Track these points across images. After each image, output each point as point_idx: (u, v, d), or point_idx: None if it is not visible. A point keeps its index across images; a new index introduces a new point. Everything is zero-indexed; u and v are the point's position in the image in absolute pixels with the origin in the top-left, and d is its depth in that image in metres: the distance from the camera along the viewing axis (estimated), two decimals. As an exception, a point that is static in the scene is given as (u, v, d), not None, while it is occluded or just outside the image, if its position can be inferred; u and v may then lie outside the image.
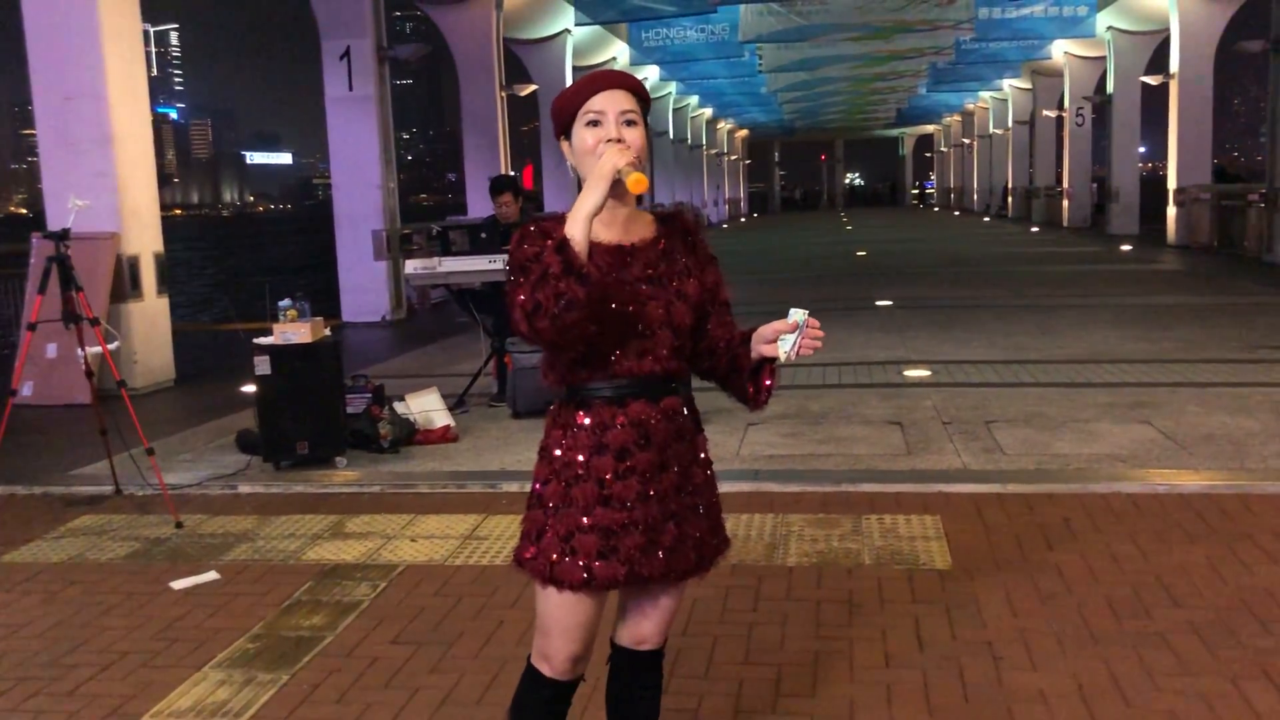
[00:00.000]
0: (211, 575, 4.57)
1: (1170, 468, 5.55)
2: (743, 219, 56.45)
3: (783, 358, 2.25)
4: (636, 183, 2.11)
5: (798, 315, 2.22)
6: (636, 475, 2.23)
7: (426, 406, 6.90)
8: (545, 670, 2.34)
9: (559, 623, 2.28)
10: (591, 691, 2.68)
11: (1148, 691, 3.25)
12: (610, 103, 2.21)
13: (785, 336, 2.23)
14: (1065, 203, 31.31)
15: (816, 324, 2.23)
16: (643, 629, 2.42)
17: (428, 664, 3.64)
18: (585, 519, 2.23)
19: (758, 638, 3.74)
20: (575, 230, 2.08)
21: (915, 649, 3.61)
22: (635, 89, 2.26)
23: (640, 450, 2.24)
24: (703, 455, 2.37)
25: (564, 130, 2.27)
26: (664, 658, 2.50)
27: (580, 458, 2.24)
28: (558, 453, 2.27)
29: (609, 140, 2.18)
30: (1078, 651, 3.54)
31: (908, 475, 5.62)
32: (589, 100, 2.22)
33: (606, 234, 2.24)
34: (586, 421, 2.25)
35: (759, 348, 2.28)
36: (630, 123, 2.21)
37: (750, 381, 2.33)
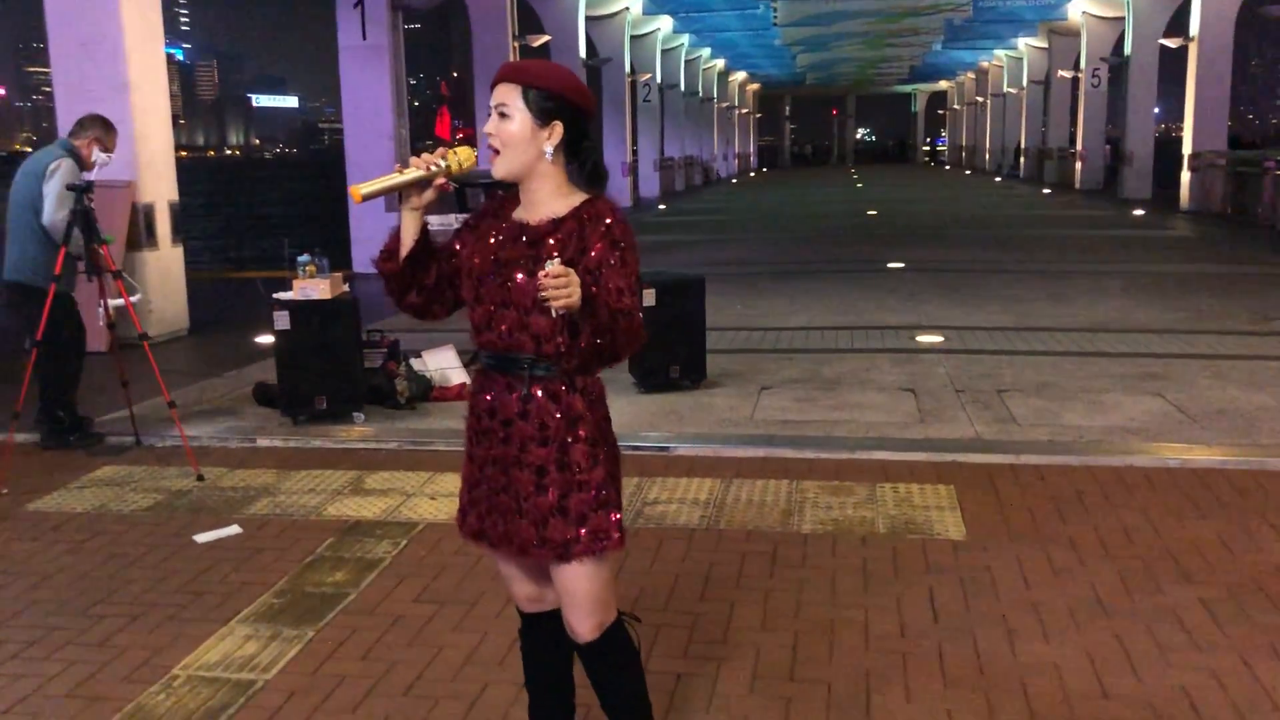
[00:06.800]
0: (234, 529, 4.63)
1: (1182, 441, 5.58)
2: (752, 174, 56.15)
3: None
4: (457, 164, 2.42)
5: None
6: (487, 439, 2.40)
7: (443, 363, 6.93)
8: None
9: (499, 564, 2.59)
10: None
11: (1159, 666, 3.32)
12: (492, 98, 2.36)
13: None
14: (1078, 164, 31.07)
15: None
16: (568, 619, 2.43)
17: (450, 623, 3.71)
18: (462, 473, 2.50)
19: (774, 604, 3.81)
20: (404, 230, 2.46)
21: (930, 619, 3.67)
22: (520, 79, 2.31)
23: (489, 419, 2.39)
24: (544, 450, 2.31)
25: None
26: (607, 652, 2.45)
27: (467, 416, 2.47)
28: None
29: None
30: (1089, 624, 3.59)
31: (921, 444, 5.66)
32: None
33: (518, 212, 2.40)
34: (470, 384, 2.49)
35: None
36: (502, 115, 2.33)
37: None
